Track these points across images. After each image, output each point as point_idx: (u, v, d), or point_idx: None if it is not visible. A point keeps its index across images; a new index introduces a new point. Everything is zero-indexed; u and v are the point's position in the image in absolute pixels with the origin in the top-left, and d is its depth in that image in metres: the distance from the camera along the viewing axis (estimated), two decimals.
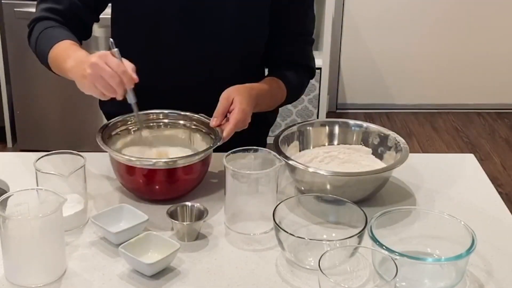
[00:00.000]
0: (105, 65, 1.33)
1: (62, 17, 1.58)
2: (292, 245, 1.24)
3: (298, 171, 1.44)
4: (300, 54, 1.71)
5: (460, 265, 1.19)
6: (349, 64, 4.06)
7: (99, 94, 1.36)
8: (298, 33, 1.68)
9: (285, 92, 1.67)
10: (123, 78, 1.33)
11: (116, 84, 1.33)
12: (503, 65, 4.08)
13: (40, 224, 1.16)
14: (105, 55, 1.35)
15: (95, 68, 1.33)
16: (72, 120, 3.35)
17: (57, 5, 1.58)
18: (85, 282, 1.19)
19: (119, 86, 1.34)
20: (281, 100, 1.68)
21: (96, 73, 1.33)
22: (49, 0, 1.59)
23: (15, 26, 3.17)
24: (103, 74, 1.32)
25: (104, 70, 1.32)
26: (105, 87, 1.33)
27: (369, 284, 1.19)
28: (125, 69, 1.34)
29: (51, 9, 1.58)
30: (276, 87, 1.64)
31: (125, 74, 1.33)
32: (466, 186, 1.56)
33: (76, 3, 1.58)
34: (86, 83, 1.35)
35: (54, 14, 1.57)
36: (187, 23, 1.58)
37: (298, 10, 1.65)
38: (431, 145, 3.74)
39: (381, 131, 1.57)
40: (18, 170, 1.53)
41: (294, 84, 1.69)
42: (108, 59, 1.33)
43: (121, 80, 1.33)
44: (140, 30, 1.60)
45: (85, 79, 1.35)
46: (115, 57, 1.35)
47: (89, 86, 1.35)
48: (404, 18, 3.95)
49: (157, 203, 1.42)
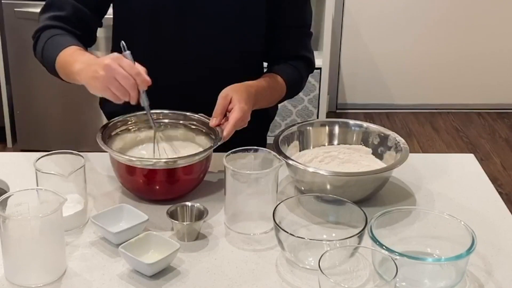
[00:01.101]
0: (118, 67, 1.32)
1: (67, 23, 1.57)
2: (292, 245, 1.24)
3: (298, 171, 1.44)
4: (299, 47, 1.71)
5: (460, 265, 1.19)
6: (349, 64, 4.06)
7: (112, 96, 1.34)
8: (295, 26, 1.69)
9: (285, 88, 1.67)
10: (137, 80, 1.33)
11: (130, 86, 1.32)
12: (503, 65, 4.08)
13: (40, 224, 1.16)
14: (119, 57, 1.34)
15: (108, 70, 1.32)
16: (72, 120, 3.35)
17: (61, 12, 1.57)
18: (85, 282, 1.19)
19: (133, 88, 1.33)
20: (280, 95, 1.68)
21: (109, 75, 1.32)
22: (52, 8, 1.58)
23: (15, 26, 3.17)
24: (117, 76, 1.32)
25: (117, 71, 1.32)
26: (119, 89, 1.33)
27: (369, 284, 1.19)
28: (139, 71, 1.33)
29: (55, 17, 1.57)
30: (275, 83, 1.64)
31: (139, 76, 1.33)
32: (466, 186, 1.56)
33: (79, 7, 1.57)
34: (99, 85, 1.34)
35: (58, 22, 1.57)
36: (186, 20, 1.58)
37: (295, 4, 1.66)
38: (431, 145, 3.74)
39: (381, 131, 1.57)
40: (18, 170, 1.53)
41: (293, 79, 1.69)
42: (121, 61, 1.33)
43: (134, 82, 1.33)
44: (140, 28, 1.60)
45: (97, 81, 1.34)
46: (128, 59, 1.36)
47: (102, 88, 1.34)
48: (404, 18, 3.95)
49: (157, 203, 1.42)
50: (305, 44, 1.72)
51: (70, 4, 1.57)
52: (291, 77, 1.68)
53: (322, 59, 3.51)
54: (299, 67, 1.71)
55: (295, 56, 1.70)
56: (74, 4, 1.57)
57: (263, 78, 1.63)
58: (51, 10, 1.59)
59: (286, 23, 1.67)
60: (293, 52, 1.70)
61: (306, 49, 1.72)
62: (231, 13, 1.59)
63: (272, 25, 1.65)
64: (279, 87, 1.66)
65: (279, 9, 1.63)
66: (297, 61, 1.70)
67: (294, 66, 1.69)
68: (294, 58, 1.70)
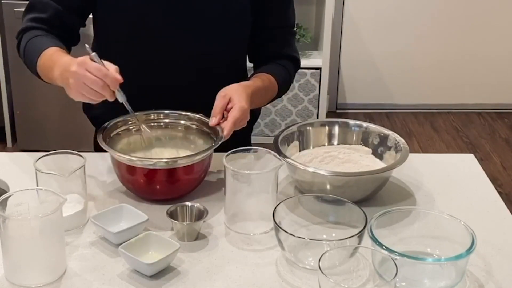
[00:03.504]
0: (85, 72, 1.33)
1: (48, 25, 1.58)
2: (292, 245, 1.24)
3: (298, 171, 1.44)
4: (285, 47, 1.73)
5: (460, 265, 1.19)
6: (349, 64, 4.06)
7: (88, 100, 1.37)
8: (281, 26, 1.71)
9: (277, 87, 1.68)
10: (106, 81, 1.34)
11: (100, 88, 1.34)
12: (503, 65, 4.08)
13: (40, 224, 1.16)
14: (84, 62, 1.35)
15: (76, 77, 1.34)
16: (72, 120, 3.34)
17: (42, 14, 1.58)
18: (85, 282, 1.19)
19: (104, 90, 1.35)
20: (273, 95, 1.70)
21: (78, 81, 1.34)
22: (34, 10, 1.59)
23: (15, 26, 3.15)
24: (85, 81, 1.34)
25: (85, 77, 1.33)
26: (91, 93, 1.35)
27: (369, 284, 1.19)
28: (106, 72, 1.34)
29: (36, 18, 1.58)
30: (268, 83, 1.65)
31: (107, 77, 1.34)
32: (466, 186, 1.56)
33: (60, 10, 1.57)
34: (72, 92, 1.37)
35: (39, 23, 1.58)
36: (172, 19, 1.58)
37: (279, 4, 1.68)
38: (431, 145, 3.74)
39: (381, 131, 1.57)
40: (18, 170, 1.53)
41: (283, 78, 1.71)
42: (88, 66, 1.34)
43: (104, 84, 1.34)
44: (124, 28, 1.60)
45: (70, 89, 1.37)
46: (94, 61, 1.35)
47: (75, 94, 1.37)
48: (404, 18, 3.95)
49: (157, 203, 1.42)
50: (291, 43, 1.75)
51: (52, 6, 1.57)
52: (282, 76, 1.70)
53: (322, 59, 3.51)
54: (287, 66, 1.73)
55: (282, 55, 1.73)
56: (55, 7, 1.57)
57: (257, 78, 1.64)
58: (33, 12, 1.59)
59: (272, 23, 1.69)
60: (279, 52, 1.72)
61: (292, 49, 1.75)
62: (217, 12, 1.60)
63: (258, 25, 1.67)
64: (272, 86, 1.67)
65: (265, 10, 1.65)
66: (285, 61, 1.73)
67: (283, 66, 1.71)
68: (281, 58, 1.72)
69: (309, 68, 3.51)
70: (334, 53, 3.90)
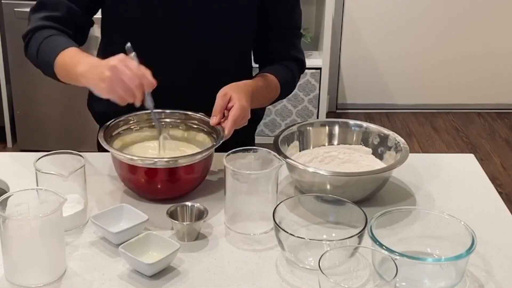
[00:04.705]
0: (124, 68, 1.33)
1: (62, 24, 1.56)
2: (292, 245, 1.24)
3: (298, 171, 1.44)
4: (291, 48, 1.73)
5: (460, 265, 1.19)
6: (349, 64, 4.06)
7: (118, 97, 1.35)
8: (287, 28, 1.71)
9: (279, 88, 1.68)
10: (143, 81, 1.34)
11: (136, 86, 1.33)
12: (503, 65, 4.08)
13: (40, 224, 1.16)
14: (125, 59, 1.35)
15: (114, 71, 1.33)
16: (72, 120, 3.35)
17: (55, 13, 1.56)
18: (85, 282, 1.19)
19: (139, 89, 1.34)
20: (275, 96, 1.69)
21: (115, 75, 1.33)
22: (45, 8, 1.57)
23: (15, 26, 3.17)
24: (123, 76, 1.32)
25: (124, 72, 1.33)
26: (125, 89, 1.33)
27: (369, 284, 1.19)
28: (145, 72, 1.35)
29: (49, 17, 1.56)
30: (270, 83, 1.65)
31: (145, 78, 1.34)
32: (466, 186, 1.56)
33: (73, 8, 1.57)
34: (105, 86, 1.34)
35: (53, 22, 1.56)
36: (177, 18, 1.58)
37: (286, 5, 1.68)
38: (431, 145, 3.74)
39: (381, 131, 1.57)
40: (18, 170, 1.53)
41: (286, 79, 1.70)
42: (128, 62, 1.34)
43: (140, 83, 1.34)
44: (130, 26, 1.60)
45: (103, 83, 1.34)
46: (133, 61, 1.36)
47: (108, 89, 1.35)
48: (404, 18, 3.95)
49: (157, 203, 1.42)
50: (297, 45, 1.75)
51: (64, 4, 1.56)
52: (285, 78, 1.69)
53: (322, 59, 3.51)
54: (292, 68, 1.72)
55: (287, 57, 1.72)
56: (67, 5, 1.56)
57: (259, 77, 1.64)
58: (43, 10, 1.57)
59: (278, 25, 1.69)
60: (285, 53, 1.72)
61: (297, 50, 1.74)
62: (222, 8, 1.59)
63: (264, 27, 1.67)
64: (274, 87, 1.67)
65: (271, 11, 1.65)
66: (290, 62, 1.72)
67: (287, 67, 1.71)
68: (286, 59, 1.72)
69: (309, 68, 3.50)
70: (334, 53, 3.90)
